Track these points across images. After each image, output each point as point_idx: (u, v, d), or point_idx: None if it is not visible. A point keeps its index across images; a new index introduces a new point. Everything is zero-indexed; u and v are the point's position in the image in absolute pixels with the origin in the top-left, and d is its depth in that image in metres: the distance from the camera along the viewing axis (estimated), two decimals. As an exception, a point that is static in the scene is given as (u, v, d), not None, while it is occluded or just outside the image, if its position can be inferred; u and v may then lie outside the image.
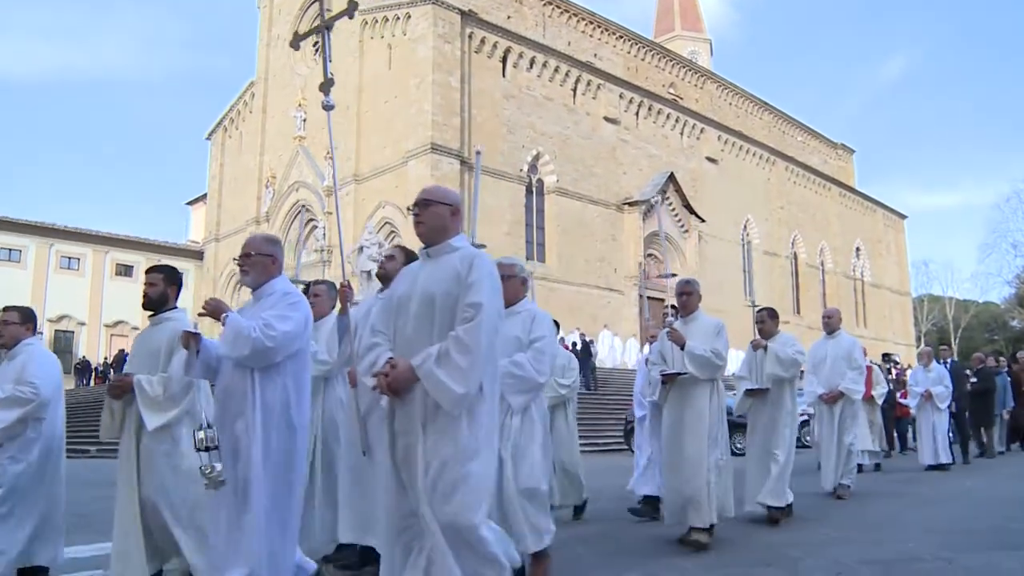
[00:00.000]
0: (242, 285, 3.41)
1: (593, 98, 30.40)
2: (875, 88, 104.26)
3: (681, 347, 4.80)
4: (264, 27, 34.21)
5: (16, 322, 4.21)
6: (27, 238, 36.70)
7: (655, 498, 5.94)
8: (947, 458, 9.99)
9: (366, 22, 28.03)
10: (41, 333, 36.13)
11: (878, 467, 10.24)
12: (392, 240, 24.10)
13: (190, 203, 44.04)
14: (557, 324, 6.58)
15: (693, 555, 4.40)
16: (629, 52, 36.67)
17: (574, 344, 21.58)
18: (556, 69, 29.20)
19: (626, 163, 31.04)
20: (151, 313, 3.87)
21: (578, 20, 34.63)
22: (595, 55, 34.21)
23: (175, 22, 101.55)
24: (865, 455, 9.64)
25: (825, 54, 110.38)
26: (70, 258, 37.69)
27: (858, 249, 43.36)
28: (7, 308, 4.27)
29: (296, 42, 3.83)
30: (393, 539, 2.60)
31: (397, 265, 3.72)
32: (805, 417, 10.74)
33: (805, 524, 5.56)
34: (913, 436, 12.49)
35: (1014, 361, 13.84)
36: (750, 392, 6.01)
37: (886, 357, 18.01)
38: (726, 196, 34.68)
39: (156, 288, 3.83)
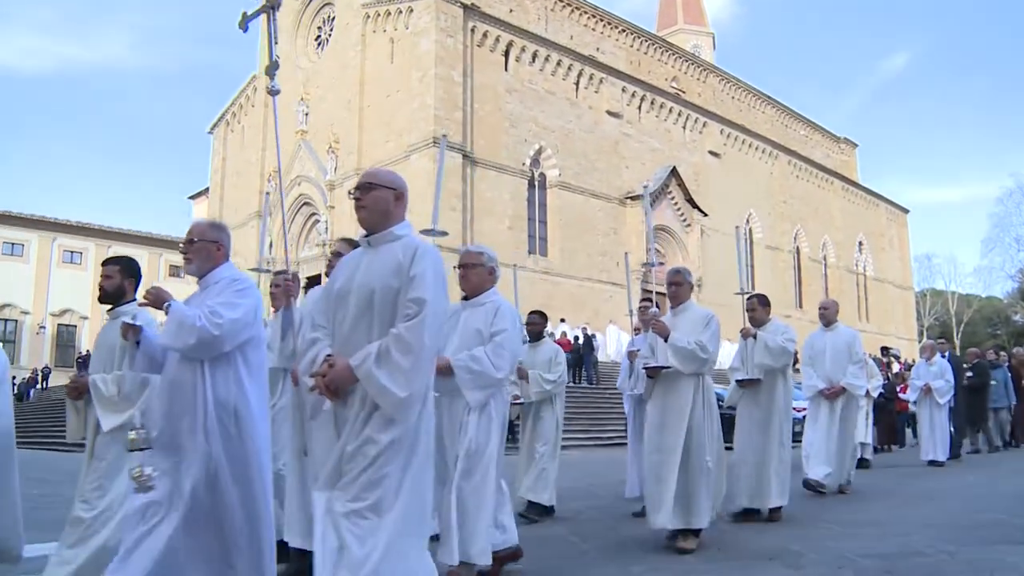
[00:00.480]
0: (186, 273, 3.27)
1: (595, 92, 30.33)
2: (878, 82, 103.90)
3: (665, 339, 4.53)
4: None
5: None
6: (30, 232, 36.82)
7: None
8: (944, 455, 9.69)
9: (368, 16, 28.00)
10: (44, 327, 36.39)
11: (865, 462, 9.58)
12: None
13: (192, 197, 44.02)
14: (545, 317, 6.58)
15: (696, 549, 4.40)
16: (632, 46, 36.54)
17: (576, 338, 21.58)
18: (558, 63, 29.13)
19: (628, 157, 31.00)
20: (109, 307, 3.68)
21: (580, 14, 34.52)
22: (597, 49, 34.10)
23: (177, 15, 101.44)
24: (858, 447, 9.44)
25: (828, 48, 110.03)
26: (72, 252, 37.81)
27: (861, 243, 43.26)
28: None
29: (244, 23, 3.72)
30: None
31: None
32: (803, 415, 10.48)
33: (806, 518, 5.55)
34: (914, 432, 12.44)
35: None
36: (741, 383, 5.78)
37: (884, 351, 17.99)
38: (729, 190, 34.64)
39: (112, 281, 3.64)
